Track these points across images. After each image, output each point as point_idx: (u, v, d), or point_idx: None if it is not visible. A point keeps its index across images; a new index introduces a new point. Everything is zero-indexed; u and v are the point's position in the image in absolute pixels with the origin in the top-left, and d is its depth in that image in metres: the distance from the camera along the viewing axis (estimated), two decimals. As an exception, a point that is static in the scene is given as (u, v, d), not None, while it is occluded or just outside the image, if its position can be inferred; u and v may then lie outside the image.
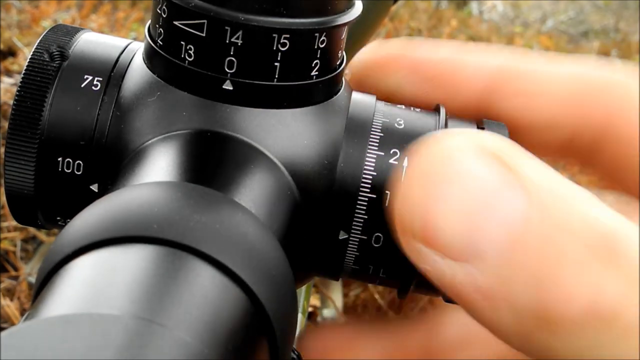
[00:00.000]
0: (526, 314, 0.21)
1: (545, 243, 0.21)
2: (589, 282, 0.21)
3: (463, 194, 0.22)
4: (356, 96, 0.31)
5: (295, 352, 0.28)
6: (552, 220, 0.21)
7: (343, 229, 0.29)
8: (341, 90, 0.30)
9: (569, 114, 0.31)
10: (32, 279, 1.49)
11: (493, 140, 0.23)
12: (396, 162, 0.29)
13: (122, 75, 0.29)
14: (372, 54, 0.34)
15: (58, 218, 0.30)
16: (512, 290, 0.21)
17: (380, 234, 0.29)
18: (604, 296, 0.21)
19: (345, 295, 1.55)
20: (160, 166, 0.26)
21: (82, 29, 0.32)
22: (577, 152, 0.32)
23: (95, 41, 0.31)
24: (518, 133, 0.32)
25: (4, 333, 0.17)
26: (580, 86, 0.31)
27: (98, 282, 0.20)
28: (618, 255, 0.21)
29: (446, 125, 0.30)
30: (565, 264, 0.21)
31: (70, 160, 0.29)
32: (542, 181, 0.22)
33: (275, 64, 0.27)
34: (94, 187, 0.29)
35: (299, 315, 0.40)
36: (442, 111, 0.30)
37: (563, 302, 0.21)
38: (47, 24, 2.33)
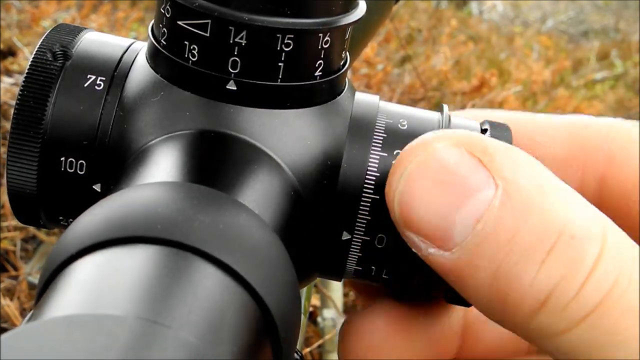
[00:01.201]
0: (489, 298, 0.24)
1: (505, 238, 0.23)
2: (543, 279, 0.23)
3: (435, 184, 0.24)
4: (359, 96, 0.31)
5: (299, 352, 0.28)
6: (515, 216, 0.23)
7: (346, 230, 0.29)
8: (345, 91, 0.30)
9: (570, 157, 0.31)
10: (32, 279, 1.49)
11: (472, 137, 0.25)
12: None
13: (125, 75, 0.29)
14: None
15: (60, 218, 0.30)
16: (477, 275, 0.24)
17: (383, 235, 0.29)
18: (557, 290, 0.23)
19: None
20: (163, 166, 0.26)
21: (84, 28, 0.31)
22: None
23: (98, 41, 0.31)
24: None
25: (7, 334, 0.17)
26: (580, 130, 0.30)
27: (102, 283, 0.20)
28: (575, 256, 0.23)
29: (449, 124, 0.30)
30: (522, 261, 0.23)
31: (73, 160, 0.29)
32: (515, 177, 0.23)
33: (279, 64, 0.27)
34: (97, 187, 0.29)
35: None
36: (445, 110, 0.30)
37: (519, 295, 0.23)
38: (47, 23, 2.33)
